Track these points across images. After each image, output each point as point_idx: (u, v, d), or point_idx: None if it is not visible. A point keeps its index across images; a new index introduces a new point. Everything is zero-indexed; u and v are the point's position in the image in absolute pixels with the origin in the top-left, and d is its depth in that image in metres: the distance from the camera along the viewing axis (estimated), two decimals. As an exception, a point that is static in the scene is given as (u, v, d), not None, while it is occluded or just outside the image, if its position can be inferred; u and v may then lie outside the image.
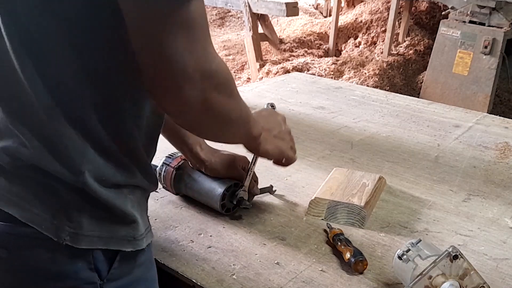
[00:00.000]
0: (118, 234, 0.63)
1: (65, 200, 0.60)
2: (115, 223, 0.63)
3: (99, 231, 0.61)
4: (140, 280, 0.69)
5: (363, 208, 0.95)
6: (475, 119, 1.58)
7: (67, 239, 0.59)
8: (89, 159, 0.60)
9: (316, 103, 1.67)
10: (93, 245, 0.61)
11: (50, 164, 0.59)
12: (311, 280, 0.80)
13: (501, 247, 0.91)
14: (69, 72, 0.58)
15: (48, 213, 0.59)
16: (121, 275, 0.65)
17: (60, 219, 0.59)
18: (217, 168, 0.97)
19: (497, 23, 3.64)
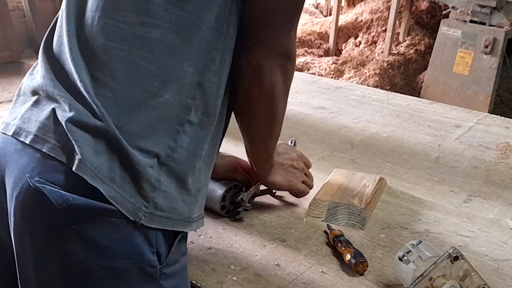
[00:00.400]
0: (183, 216, 0.66)
1: (145, 179, 0.61)
2: (180, 204, 0.65)
3: (169, 212, 0.64)
4: (184, 267, 0.71)
5: (364, 209, 0.95)
6: (476, 119, 1.58)
7: (142, 218, 0.61)
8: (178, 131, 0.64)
9: (316, 103, 1.67)
10: (163, 225, 0.63)
11: (131, 141, 0.61)
12: (312, 282, 0.80)
13: (502, 248, 0.91)
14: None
15: (127, 191, 0.60)
16: (175, 261, 0.67)
17: (137, 199, 0.61)
18: (218, 168, 0.97)
19: (498, 23, 3.63)
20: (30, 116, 0.65)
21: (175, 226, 0.65)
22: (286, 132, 1.41)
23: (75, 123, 0.60)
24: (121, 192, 0.60)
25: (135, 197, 0.61)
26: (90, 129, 0.60)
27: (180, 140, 0.64)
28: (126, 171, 0.61)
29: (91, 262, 0.61)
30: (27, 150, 0.62)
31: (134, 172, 0.61)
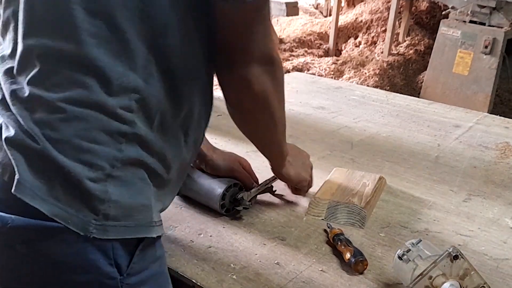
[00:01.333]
0: (142, 221, 0.64)
1: (89, 193, 0.60)
2: (138, 210, 0.64)
3: (125, 220, 0.62)
4: (157, 274, 0.69)
5: (363, 208, 0.95)
6: (476, 119, 1.58)
7: (94, 232, 0.60)
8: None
9: (316, 103, 1.67)
10: (120, 235, 0.62)
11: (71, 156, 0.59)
12: (311, 280, 0.80)
13: (501, 247, 0.91)
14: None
15: (73, 207, 0.59)
16: (140, 269, 0.65)
17: (85, 213, 0.59)
18: (218, 165, 0.97)
19: (498, 23, 3.63)
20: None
21: (135, 233, 0.63)
22: (286, 132, 1.41)
23: (12, 143, 0.60)
24: (66, 209, 0.59)
25: (83, 212, 0.59)
26: (27, 150, 0.59)
27: (125, 149, 0.62)
28: (68, 188, 0.59)
29: (50, 279, 0.61)
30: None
31: (77, 188, 0.59)
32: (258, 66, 0.70)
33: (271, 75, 0.73)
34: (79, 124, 0.60)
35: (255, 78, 0.70)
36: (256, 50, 0.69)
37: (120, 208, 0.61)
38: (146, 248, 0.66)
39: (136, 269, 0.65)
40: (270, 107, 0.77)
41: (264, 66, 0.70)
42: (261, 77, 0.71)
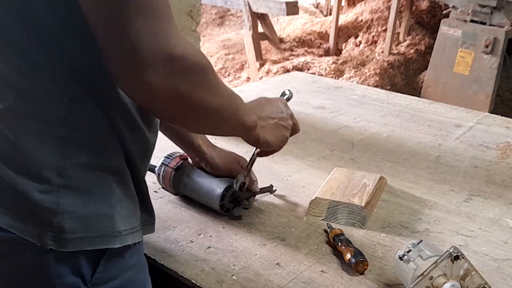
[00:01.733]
0: (103, 231, 0.61)
1: (39, 205, 0.58)
2: (98, 220, 0.61)
3: (83, 232, 0.60)
4: (129, 283, 0.67)
5: (364, 208, 0.94)
6: (476, 119, 1.57)
7: (50, 243, 0.58)
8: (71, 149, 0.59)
9: (316, 103, 1.67)
10: (79, 247, 0.59)
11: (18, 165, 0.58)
12: (312, 281, 0.79)
13: (502, 248, 0.90)
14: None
15: (27, 219, 0.58)
16: (107, 279, 0.63)
17: (40, 226, 0.58)
18: (217, 164, 0.96)
19: (499, 22, 3.63)
20: None
21: (95, 244, 0.60)
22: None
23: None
24: (20, 220, 0.58)
25: (38, 224, 0.58)
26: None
27: (71, 157, 0.59)
28: (18, 201, 0.58)
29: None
30: None
31: (26, 201, 0.58)
32: (155, 70, 0.53)
33: (185, 73, 0.56)
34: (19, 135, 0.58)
35: (164, 87, 0.55)
36: (145, 51, 0.52)
37: (76, 219, 0.59)
38: (113, 257, 0.63)
39: (102, 278, 0.63)
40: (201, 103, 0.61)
41: (165, 68, 0.54)
42: (173, 82, 0.55)
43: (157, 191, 1.04)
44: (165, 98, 0.57)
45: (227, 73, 4.63)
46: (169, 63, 0.54)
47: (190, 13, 1.60)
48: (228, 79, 4.53)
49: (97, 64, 0.58)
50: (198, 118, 0.64)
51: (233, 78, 4.54)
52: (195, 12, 1.61)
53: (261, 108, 0.81)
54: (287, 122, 0.85)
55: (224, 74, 4.62)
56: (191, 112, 0.62)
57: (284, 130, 0.84)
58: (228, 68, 4.70)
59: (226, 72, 4.64)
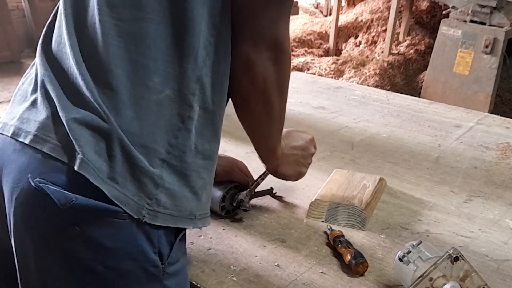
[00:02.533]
0: (185, 212, 0.66)
1: (147, 176, 0.61)
2: (184, 201, 0.65)
3: (172, 209, 0.64)
4: (185, 266, 0.71)
5: (364, 210, 0.94)
6: (476, 119, 1.57)
7: (146, 216, 0.61)
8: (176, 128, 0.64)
9: (316, 103, 1.67)
10: (166, 223, 0.63)
11: (132, 139, 0.61)
12: (312, 282, 0.79)
13: (502, 249, 0.91)
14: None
15: (130, 190, 0.60)
16: (177, 259, 0.67)
17: (140, 197, 0.61)
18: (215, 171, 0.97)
19: (498, 23, 3.63)
20: (28, 116, 0.64)
21: (178, 223, 0.65)
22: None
23: (77, 123, 0.60)
24: (123, 191, 0.60)
25: (138, 195, 0.61)
26: (93, 129, 0.60)
27: (181, 136, 0.64)
28: (128, 170, 0.60)
29: (94, 263, 0.61)
30: (26, 150, 0.62)
31: (136, 171, 0.61)
32: (265, 50, 0.67)
33: (277, 63, 0.70)
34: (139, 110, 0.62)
35: (259, 61, 0.68)
36: (266, 33, 0.67)
37: (170, 196, 0.63)
38: (182, 239, 0.68)
39: (174, 259, 0.67)
40: (269, 97, 0.73)
41: (271, 51, 0.68)
42: (265, 63, 0.68)
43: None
44: (256, 74, 0.69)
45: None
46: (278, 50, 0.68)
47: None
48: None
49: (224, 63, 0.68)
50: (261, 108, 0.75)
51: (233, 79, 4.53)
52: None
53: (290, 140, 0.92)
54: (307, 160, 0.95)
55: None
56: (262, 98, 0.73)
57: (302, 167, 0.94)
58: (228, 68, 4.69)
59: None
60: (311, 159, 0.97)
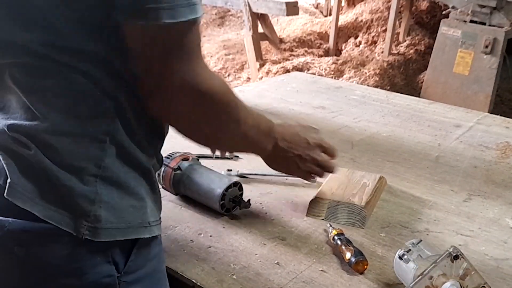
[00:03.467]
0: (135, 222, 0.64)
1: (78, 194, 0.60)
2: (130, 211, 0.64)
3: (117, 223, 0.62)
4: (154, 272, 0.70)
5: (364, 208, 0.95)
6: (476, 119, 1.58)
7: (86, 233, 0.60)
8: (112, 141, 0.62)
9: (316, 103, 1.67)
10: (112, 237, 0.62)
11: (58, 159, 0.60)
12: (312, 280, 0.80)
13: (502, 247, 0.91)
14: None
15: (66, 209, 0.60)
16: (137, 267, 0.66)
17: (77, 215, 0.60)
18: None
19: (498, 23, 3.63)
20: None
21: (127, 235, 0.63)
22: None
23: (4, 148, 0.61)
24: (57, 210, 0.60)
25: (74, 213, 0.60)
26: (18, 155, 0.60)
27: (108, 149, 0.62)
28: (58, 190, 0.60)
29: (48, 282, 0.62)
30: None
31: (65, 191, 0.60)
32: (180, 98, 0.63)
33: (199, 109, 0.65)
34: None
35: (174, 112, 0.65)
36: (175, 79, 0.61)
37: (111, 210, 0.62)
38: (142, 247, 0.66)
39: (133, 267, 0.65)
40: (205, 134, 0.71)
41: (188, 98, 0.63)
42: (183, 111, 0.65)
43: (157, 191, 1.05)
44: (185, 123, 0.68)
45: (227, 73, 4.63)
46: (195, 95, 0.64)
47: (190, 13, 1.60)
48: (228, 79, 4.53)
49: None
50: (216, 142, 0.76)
51: (233, 79, 4.54)
52: (195, 13, 1.61)
53: (283, 141, 0.87)
54: (302, 162, 0.90)
55: (224, 74, 4.62)
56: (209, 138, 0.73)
57: (295, 165, 0.90)
58: (228, 68, 4.70)
59: (226, 73, 4.65)
60: (309, 165, 0.91)
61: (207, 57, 4.78)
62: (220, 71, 4.64)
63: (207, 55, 4.84)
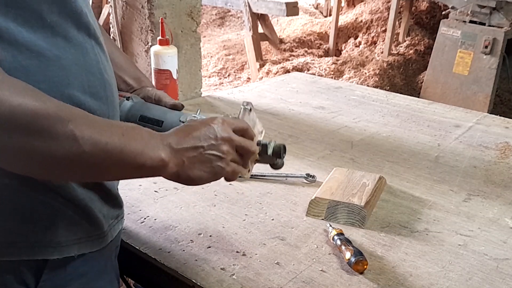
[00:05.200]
0: (42, 241, 0.61)
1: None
2: (27, 230, 0.60)
3: (20, 241, 0.59)
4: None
5: (363, 208, 0.95)
6: (476, 119, 1.58)
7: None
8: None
9: (316, 103, 1.67)
10: (15, 257, 0.60)
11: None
12: (311, 280, 0.80)
13: (501, 247, 0.91)
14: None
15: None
16: (54, 287, 0.63)
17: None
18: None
19: (498, 23, 3.64)
20: None
21: (35, 254, 0.60)
22: (286, 132, 1.41)
23: None
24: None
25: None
26: None
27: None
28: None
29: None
30: None
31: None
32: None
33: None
34: None
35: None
36: None
37: (11, 227, 0.59)
38: (57, 267, 0.63)
39: (48, 286, 0.63)
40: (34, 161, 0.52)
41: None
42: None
43: (157, 191, 1.05)
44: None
45: (228, 74, 4.64)
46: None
47: (190, 13, 1.60)
48: (228, 79, 4.54)
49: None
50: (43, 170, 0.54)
51: (233, 79, 4.55)
52: (195, 13, 1.61)
53: (183, 138, 0.64)
54: (219, 148, 0.66)
55: (225, 74, 4.63)
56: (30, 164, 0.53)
57: (216, 160, 0.66)
58: (228, 68, 4.70)
59: (227, 73, 4.65)
60: (226, 145, 0.66)
61: (207, 57, 4.78)
62: (221, 71, 4.64)
63: (207, 56, 4.85)
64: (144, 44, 1.55)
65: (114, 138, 0.56)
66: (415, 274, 0.82)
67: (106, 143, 0.55)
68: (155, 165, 0.61)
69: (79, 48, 0.62)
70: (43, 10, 0.57)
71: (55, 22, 0.59)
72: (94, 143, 0.54)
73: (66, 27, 0.61)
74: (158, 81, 1.41)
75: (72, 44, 0.61)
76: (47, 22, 0.58)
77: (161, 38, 1.40)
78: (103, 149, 0.55)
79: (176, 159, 0.63)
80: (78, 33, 0.63)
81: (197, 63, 1.68)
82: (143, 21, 1.52)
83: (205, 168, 0.65)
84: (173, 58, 1.40)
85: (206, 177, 0.66)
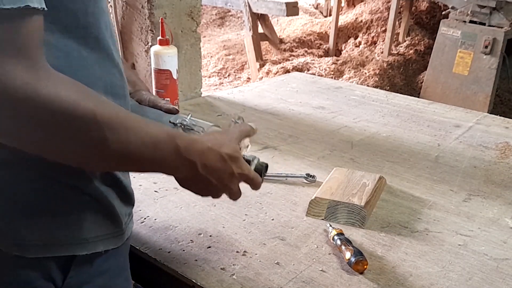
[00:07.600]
0: (71, 238, 0.62)
1: (4, 210, 0.59)
2: (56, 228, 0.62)
3: (43, 239, 0.61)
4: (104, 287, 0.68)
5: (363, 208, 0.95)
6: (476, 119, 1.58)
7: (14, 249, 0.60)
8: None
9: (316, 103, 1.67)
10: (39, 254, 0.61)
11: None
12: (311, 280, 0.80)
13: (501, 247, 0.91)
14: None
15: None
16: (79, 283, 0.64)
17: (3, 231, 0.59)
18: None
19: (498, 23, 3.64)
20: None
21: (58, 251, 0.62)
22: (286, 132, 1.41)
23: None
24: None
25: (1, 231, 0.60)
26: None
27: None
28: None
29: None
30: None
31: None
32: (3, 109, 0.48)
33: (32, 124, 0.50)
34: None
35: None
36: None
37: (35, 228, 0.60)
38: (83, 263, 0.64)
39: (73, 283, 0.64)
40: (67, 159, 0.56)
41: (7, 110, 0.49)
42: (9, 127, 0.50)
43: (157, 191, 1.05)
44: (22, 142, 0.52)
45: (228, 74, 4.64)
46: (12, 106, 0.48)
47: (190, 13, 1.60)
48: (228, 79, 4.54)
49: None
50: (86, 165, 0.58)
51: (233, 79, 4.55)
52: (195, 13, 1.61)
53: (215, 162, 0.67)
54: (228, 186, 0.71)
55: (225, 74, 4.63)
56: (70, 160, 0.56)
57: (210, 187, 0.70)
58: (228, 68, 4.70)
59: (227, 73, 4.65)
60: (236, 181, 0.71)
61: (207, 57, 4.78)
62: (221, 71, 4.64)
63: (207, 56, 4.85)
64: (144, 44, 1.55)
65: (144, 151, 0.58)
66: (415, 274, 0.82)
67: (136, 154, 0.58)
68: (173, 173, 0.66)
69: (104, 48, 0.64)
70: (78, 10, 0.59)
71: (89, 23, 0.61)
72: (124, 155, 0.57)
73: (98, 27, 0.62)
74: (158, 81, 1.41)
75: (99, 44, 0.63)
76: (80, 23, 0.60)
77: (161, 38, 1.40)
78: (132, 160, 0.59)
79: (190, 176, 0.67)
80: (106, 32, 0.64)
81: (197, 63, 1.68)
82: (143, 21, 1.52)
83: (196, 189, 0.70)
84: (173, 58, 1.40)
85: (191, 191, 0.71)
